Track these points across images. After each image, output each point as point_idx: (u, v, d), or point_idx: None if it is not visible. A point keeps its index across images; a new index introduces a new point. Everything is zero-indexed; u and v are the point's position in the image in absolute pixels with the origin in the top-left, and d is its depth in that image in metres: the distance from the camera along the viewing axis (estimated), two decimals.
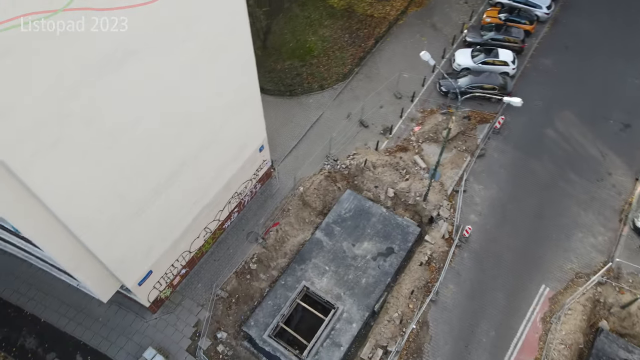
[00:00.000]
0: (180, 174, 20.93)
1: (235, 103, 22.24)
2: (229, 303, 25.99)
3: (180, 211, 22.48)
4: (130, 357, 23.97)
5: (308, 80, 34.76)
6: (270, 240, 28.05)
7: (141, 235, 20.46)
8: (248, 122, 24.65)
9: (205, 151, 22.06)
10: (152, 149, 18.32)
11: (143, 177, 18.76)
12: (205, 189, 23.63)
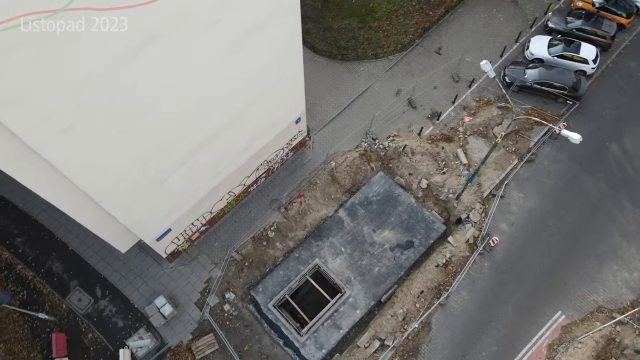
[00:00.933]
0: (207, 146, 20.68)
1: (275, 79, 21.23)
2: (241, 266, 26.76)
3: (203, 179, 22.60)
4: (143, 299, 25.57)
5: (363, 45, 32.61)
6: (292, 211, 28.05)
7: (162, 201, 20.86)
8: (287, 97, 23.67)
9: (237, 125, 21.55)
10: (181, 125, 18.03)
11: (169, 150, 18.70)
12: (232, 159, 23.46)
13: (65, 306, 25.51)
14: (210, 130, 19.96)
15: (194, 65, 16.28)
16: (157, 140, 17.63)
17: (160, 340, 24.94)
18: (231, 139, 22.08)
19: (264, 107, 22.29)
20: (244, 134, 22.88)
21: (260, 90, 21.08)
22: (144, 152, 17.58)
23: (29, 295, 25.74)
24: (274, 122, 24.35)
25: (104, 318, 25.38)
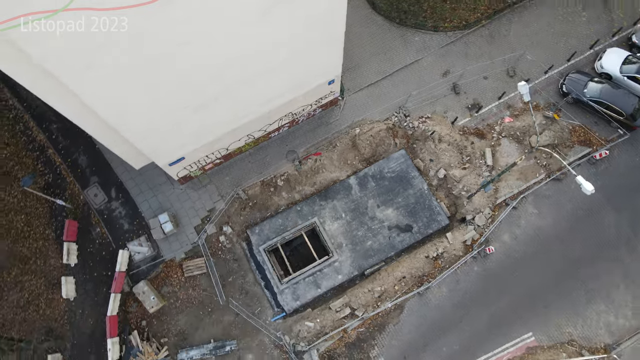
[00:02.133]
0: (233, 92, 20.97)
1: (312, 40, 20.76)
2: (245, 205, 28.09)
3: (223, 123, 23.18)
4: (150, 211, 27.60)
5: (425, 13, 30.76)
6: (306, 166, 28.62)
7: (179, 135, 21.74)
8: (323, 59, 23.21)
9: (268, 76, 21.56)
10: (209, 68, 18.20)
11: (192, 90, 19.11)
12: (257, 108, 23.75)
13: (82, 198, 27.94)
14: (238, 76, 19.96)
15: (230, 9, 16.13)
16: (182, 79, 18.01)
17: (157, 252, 27.25)
18: (259, 87, 22.14)
19: (298, 65, 22.09)
20: (273, 86, 22.88)
21: (296, 48, 20.78)
22: (167, 89, 18.12)
23: (54, 179, 28.22)
24: (306, 80, 24.17)
25: (113, 217, 27.74)
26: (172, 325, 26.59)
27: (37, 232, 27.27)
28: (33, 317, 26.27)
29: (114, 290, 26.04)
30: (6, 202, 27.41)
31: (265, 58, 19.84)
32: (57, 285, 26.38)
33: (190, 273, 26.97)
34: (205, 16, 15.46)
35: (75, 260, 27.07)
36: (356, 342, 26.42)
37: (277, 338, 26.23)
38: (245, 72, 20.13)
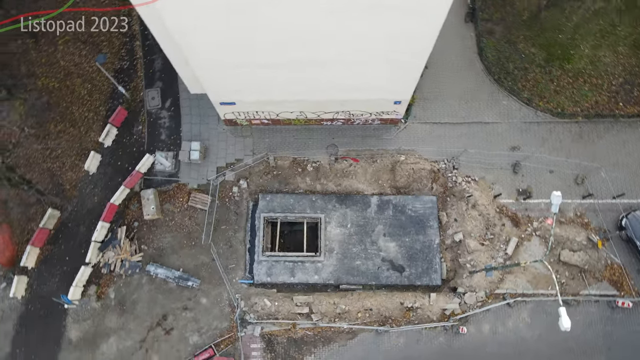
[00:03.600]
0: (305, 65, 21.46)
1: (392, 58, 20.82)
2: (269, 171, 28.98)
3: (284, 89, 23.93)
4: (188, 134, 29.23)
5: (526, 83, 29.53)
6: (339, 165, 28.94)
7: (240, 81, 22.79)
8: (396, 80, 23.16)
9: (339, 68, 21.92)
10: (294, 36, 18.99)
11: (270, 49, 20.00)
12: (319, 91, 24.26)
13: (141, 95, 30.06)
14: (315, 53, 20.47)
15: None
16: (266, 34, 18.91)
17: (176, 171, 28.94)
18: (329, 73, 22.49)
19: (371, 72, 22.26)
20: (341, 78, 23.17)
21: (375, 56, 20.91)
22: (249, 38, 19.06)
23: (127, 68, 30.51)
24: (373, 90, 24.25)
25: (156, 124, 29.67)
26: (156, 238, 28.35)
27: (93, 105, 29.81)
28: (54, 171, 29.02)
29: (125, 184, 28.11)
30: (83, 68, 30.08)
31: (345, 50, 20.13)
32: (85, 156, 28.85)
33: (193, 204, 28.44)
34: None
35: (110, 143, 29.37)
36: (299, 341, 26.89)
37: (234, 298, 27.25)
38: (322, 54, 20.53)
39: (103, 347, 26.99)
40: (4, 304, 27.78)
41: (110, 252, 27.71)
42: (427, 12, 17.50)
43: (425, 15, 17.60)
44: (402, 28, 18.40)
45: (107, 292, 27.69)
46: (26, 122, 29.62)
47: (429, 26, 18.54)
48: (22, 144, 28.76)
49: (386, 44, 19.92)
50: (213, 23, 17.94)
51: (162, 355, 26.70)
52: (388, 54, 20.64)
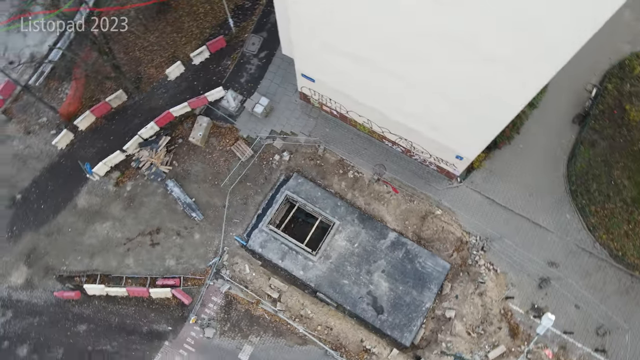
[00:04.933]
0: (389, 76, 21.65)
1: (469, 113, 20.24)
2: (314, 158, 29.18)
3: (360, 89, 24.26)
4: (263, 88, 30.20)
5: (602, 211, 27.27)
6: (377, 187, 28.53)
7: (325, 62, 23.55)
8: (469, 134, 22.39)
9: (418, 96, 21.73)
10: (392, 43, 19.41)
11: (366, 46, 20.53)
12: (390, 109, 24.18)
13: (245, 36, 31.48)
14: (404, 72, 20.69)
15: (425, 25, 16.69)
16: (365, 33, 19.51)
17: (236, 115, 30.00)
18: (408, 95, 22.35)
19: (444, 115, 21.78)
20: (419, 106, 22.90)
21: (454, 104, 20.45)
22: (354, 27, 19.70)
23: (247, 7, 32.23)
24: (440, 133, 23.66)
25: (243, 67, 30.92)
26: (188, 161, 29.62)
27: (202, 24, 31.79)
28: (141, 62, 31.35)
29: (189, 103, 29.62)
30: None
31: (436, 82, 19.91)
32: (172, 62, 30.76)
33: (235, 150, 29.36)
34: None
35: (197, 62, 31.11)
36: (254, 318, 26.95)
37: (221, 249, 27.84)
38: (414, 75, 20.51)
39: (97, 226, 28.69)
40: (45, 147, 30.37)
41: (145, 152, 29.35)
42: (528, 72, 16.67)
43: (525, 74, 16.78)
44: (500, 82, 17.77)
45: (125, 183, 29.38)
46: (144, 11, 32.06)
47: (524, 88, 17.70)
48: (130, 24, 31.13)
49: (478, 93, 19.33)
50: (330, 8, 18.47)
51: (137, 260, 27.91)
52: (474, 103, 20.00)
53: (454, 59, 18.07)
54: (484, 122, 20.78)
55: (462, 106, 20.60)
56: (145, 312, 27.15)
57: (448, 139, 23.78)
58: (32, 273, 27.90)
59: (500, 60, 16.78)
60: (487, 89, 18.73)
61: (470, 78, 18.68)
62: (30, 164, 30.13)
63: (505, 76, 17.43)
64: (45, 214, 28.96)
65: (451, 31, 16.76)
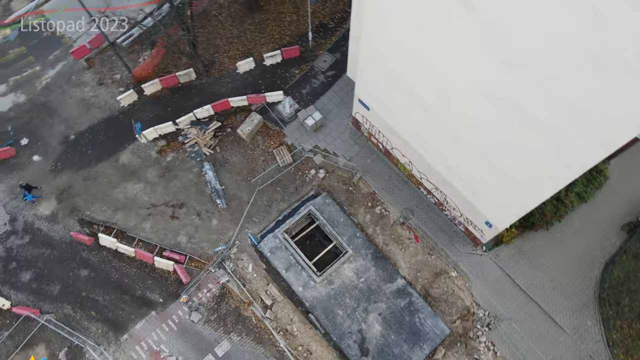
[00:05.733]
0: (434, 128, 21.90)
1: (511, 181, 19.70)
2: (347, 184, 29.25)
3: (409, 129, 24.26)
4: (321, 103, 30.72)
5: (627, 330, 25.36)
6: (399, 229, 28.05)
7: (381, 91, 23.76)
8: (502, 202, 21.71)
9: (463, 153, 21.57)
10: (446, 89, 19.65)
11: (426, 89, 20.87)
12: (434, 158, 24.03)
13: (319, 52, 32.57)
14: (455, 125, 20.76)
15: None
16: (428, 75, 19.85)
17: (286, 122, 30.79)
18: (453, 147, 22.17)
19: (488, 175, 21.32)
20: (459, 160, 22.66)
21: (501, 164, 20.04)
22: (420, 64, 19.97)
23: (330, 27, 33.46)
24: (477, 193, 23.10)
25: (309, 79, 31.97)
26: (230, 151, 30.55)
27: (284, 31, 33.39)
28: (218, 49, 33.08)
29: (248, 98, 30.79)
30: (297, 4, 33.78)
31: (482, 145, 19.79)
32: (244, 57, 32.31)
33: (276, 153, 30.00)
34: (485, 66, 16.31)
35: (268, 64, 32.44)
36: (241, 317, 26.84)
37: (232, 242, 28.19)
38: (463, 131, 20.49)
39: (129, 184, 29.97)
40: (110, 100, 32.39)
41: (194, 130, 30.60)
42: (576, 152, 16.11)
43: (572, 153, 16.21)
44: (544, 157, 17.32)
45: (168, 153, 30.64)
46: (236, 6, 34.02)
47: (567, 168, 17.12)
48: (220, 14, 32.94)
49: (520, 164, 18.91)
50: (401, 21, 18.78)
51: (153, 227, 28.76)
52: (514, 172, 19.53)
53: (507, 123, 17.77)
54: (518, 194, 20.13)
55: (500, 173, 20.13)
56: (144, 278, 27.75)
57: (481, 202, 23.15)
58: (59, 208, 29.38)
59: (551, 134, 16.34)
60: (531, 162, 18.25)
61: (517, 147, 18.29)
62: (92, 111, 32.16)
63: (551, 152, 16.91)
64: (89, 160, 30.63)
65: (511, 96, 16.55)
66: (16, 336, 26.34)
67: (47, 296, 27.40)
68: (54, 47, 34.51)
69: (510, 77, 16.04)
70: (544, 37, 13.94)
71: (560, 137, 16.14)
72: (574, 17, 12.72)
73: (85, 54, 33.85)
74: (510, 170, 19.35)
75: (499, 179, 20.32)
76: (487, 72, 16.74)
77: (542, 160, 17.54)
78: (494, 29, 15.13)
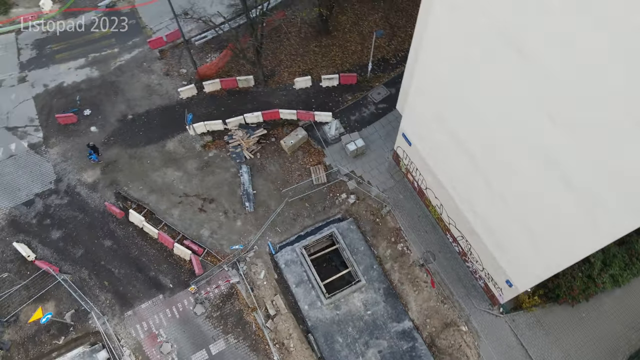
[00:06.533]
0: (469, 178, 21.96)
1: (537, 238, 19.12)
2: (375, 214, 29.17)
3: (444, 176, 24.10)
4: (366, 132, 31.13)
5: None
6: (417, 270, 27.48)
7: (424, 135, 23.93)
8: (525, 258, 20.97)
9: (494, 204, 21.26)
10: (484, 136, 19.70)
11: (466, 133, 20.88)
12: (465, 205, 23.76)
13: (376, 84, 33.27)
14: (489, 174, 20.70)
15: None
16: (471, 122, 20.09)
17: (330, 142, 31.39)
18: (483, 195, 21.92)
19: (515, 231, 20.80)
20: (486, 210, 22.31)
21: (523, 222, 19.59)
22: (458, 110, 20.40)
23: (392, 62, 34.11)
24: (500, 246, 22.48)
25: (360, 107, 32.66)
26: (269, 159, 31.39)
27: (346, 57, 34.67)
28: (280, 62, 34.51)
29: (298, 113, 31.79)
30: (365, 31, 34.85)
31: (509, 196, 19.60)
32: (304, 75, 33.53)
33: (312, 170, 30.52)
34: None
35: (324, 85, 33.48)
36: (242, 322, 26.80)
37: (251, 246, 28.57)
38: (492, 180, 20.46)
39: (169, 170, 31.27)
40: (171, 91, 34.35)
41: (240, 133, 31.76)
42: (608, 215, 15.52)
43: (604, 216, 15.63)
44: (574, 218, 16.79)
45: (211, 149, 31.89)
46: (305, 29, 35.69)
47: (595, 232, 16.43)
48: (290, 32, 34.53)
49: (548, 223, 18.40)
50: (454, 64, 19.16)
51: (181, 215, 29.68)
52: (541, 230, 18.97)
53: (543, 179, 17.41)
54: (543, 255, 19.43)
55: (528, 228, 19.59)
56: (160, 261, 28.48)
57: (504, 257, 22.45)
58: (101, 179, 30.99)
59: (586, 197, 15.85)
60: (560, 222, 17.67)
61: (549, 205, 17.80)
62: (153, 98, 34.16)
63: (583, 215, 16.36)
64: (139, 140, 32.34)
65: (552, 151, 16.28)
66: (32, 288, 27.51)
67: (69, 257, 28.60)
68: (135, 34, 37.30)
69: (555, 132, 15.82)
70: (593, 92, 13.78)
71: (594, 201, 15.62)
72: (623, 71, 12.55)
73: (160, 46, 36.28)
74: (538, 228, 18.80)
75: (525, 234, 19.73)
76: (531, 124, 16.58)
77: (572, 222, 16.95)
78: (544, 78, 15.12)
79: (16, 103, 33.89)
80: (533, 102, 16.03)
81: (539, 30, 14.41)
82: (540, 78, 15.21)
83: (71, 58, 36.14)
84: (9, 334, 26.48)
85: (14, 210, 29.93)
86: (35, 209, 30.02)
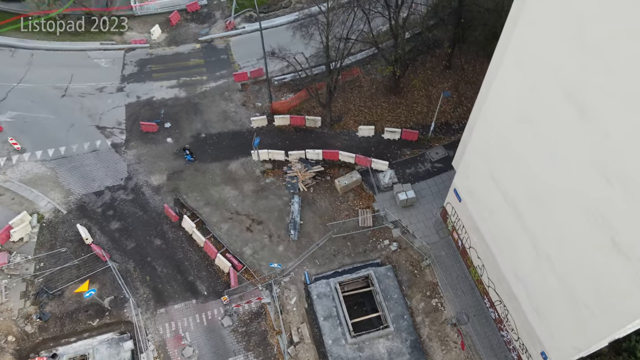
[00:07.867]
0: (514, 244, 22.16)
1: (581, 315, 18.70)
2: (414, 265, 29.24)
3: (488, 236, 24.25)
4: (418, 187, 32.05)
5: None
6: (448, 329, 26.83)
7: (474, 194, 24.38)
8: (565, 333, 20.25)
9: (536, 275, 21.23)
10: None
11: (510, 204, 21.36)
12: (506, 269, 23.61)
13: (435, 143, 34.46)
14: (538, 239, 20.80)
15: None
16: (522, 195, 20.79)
17: (381, 189, 32.37)
18: (527, 259, 21.84)
19: (550, 298, 20.44)
20: (529, 275, 22.08)
21: (567, 288, 19.28)
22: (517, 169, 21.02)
23: (454, 127, 35.36)
24: (535, 314, 21.87)
25: (416, 162, 33.82)
26: (321, 194, 32.84)
27: (410, 116, 36.47)
28: (348, 111, 36.76)
29: (356, 157, 33.31)
30: (434, 90, 36.72)
31: (554, 260, 19.72)
32: (368, 125, 35.39)
33: (360, 212, 31.43)
34: None
35: (385, 137, 35.08)
36: (265, 342, 27.11)
37: (287, 272, 29.33)
38: (539, 245, 20.62)
39: (227, 188, 33.35)
40: (244, 119, 37.24)
41: (299, 166, 33.63)
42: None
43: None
44: (620, 286, 16.52)
45: (269, 176, 33.88)
46: (377, 85, 38.22)
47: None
48: (363, 86, 37.11)
49: (594, 289, 18.07)
50: (512, 123, 20.14)
51: (229, 230, 31.22)
52: (583, 298, 18.57)
53: (593, 242, 17.36)
54: (584, 324, 18.71)
55: (570, 294, 19.10)
56: (201, 267, 29.75)
57: (542, 326, 21.69)
58: (165, 184, 33.50)
59: (636, 262, 15.65)
60: (606, 289, 17.29)
61: (596, 269, 17.54)
62: (227, 122, 37.20)
63: (632, 281, 16.03)
64: (206, 157, 34.97)
65: (605, 213, 16.38)
66: (82, 268, 29.45)
67: (120, 248, 30.58)
68: (224, 67, 41.35)
69: (609, 194, 15.95)
70: None
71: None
72: None
73: (243, 80, 39.88)
74: (582, 293, 18.36)
75: (567, 300, 19.24)
76: (586, 184, 16.82)
77: (619, 289, 16.57)
78: (602, 138, 15.62)
79: (110, 107, 37.99)
80: (589, 163, 16.42)
81: (602, 90, 15.13)
82: (600, 137, 15.68)
83: (165, 78, 40.42)
84: (52, 306, 28.18)
85: (85, 197, 32.75)
86: (103, 200, 32.71)
